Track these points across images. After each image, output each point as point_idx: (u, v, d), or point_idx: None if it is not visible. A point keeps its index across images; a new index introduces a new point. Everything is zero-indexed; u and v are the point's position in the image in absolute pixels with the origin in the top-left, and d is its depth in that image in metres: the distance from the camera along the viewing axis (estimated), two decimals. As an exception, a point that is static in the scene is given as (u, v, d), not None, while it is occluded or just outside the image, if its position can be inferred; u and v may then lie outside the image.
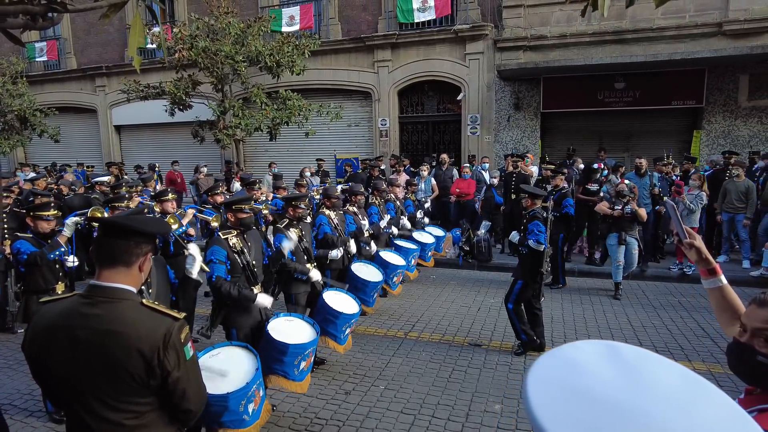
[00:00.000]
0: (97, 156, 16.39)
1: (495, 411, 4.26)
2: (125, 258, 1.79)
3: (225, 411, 2.70)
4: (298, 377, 3.83)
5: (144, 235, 1.84)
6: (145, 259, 1.85)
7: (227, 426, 2.78)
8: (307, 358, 3.85)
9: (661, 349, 5.46)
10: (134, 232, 1.81)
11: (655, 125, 11.36)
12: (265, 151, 14.28)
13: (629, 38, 10.82)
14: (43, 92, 16.47)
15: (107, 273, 1.78)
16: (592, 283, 8.06)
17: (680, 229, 1.98)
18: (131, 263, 1.81)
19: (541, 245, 4.97)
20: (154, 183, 9.95)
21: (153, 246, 1.89)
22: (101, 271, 1.79)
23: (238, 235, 3.97)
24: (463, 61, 12.11)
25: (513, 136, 12.03)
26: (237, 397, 2.71)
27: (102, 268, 1.79)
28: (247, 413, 2.82)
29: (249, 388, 2.80)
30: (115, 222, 1.86)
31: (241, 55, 10.84)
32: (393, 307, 6.91)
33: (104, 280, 1.78)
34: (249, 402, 2.82)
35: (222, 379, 2.82)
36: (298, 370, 3.80)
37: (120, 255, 1.79)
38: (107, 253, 1.80)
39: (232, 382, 2.78)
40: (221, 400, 2.65)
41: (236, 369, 2.96)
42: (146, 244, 1.85)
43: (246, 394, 2.78)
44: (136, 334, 1.71)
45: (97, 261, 1.81)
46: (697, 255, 1.95)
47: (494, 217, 9.46)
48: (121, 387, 1.71)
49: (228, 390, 2.68)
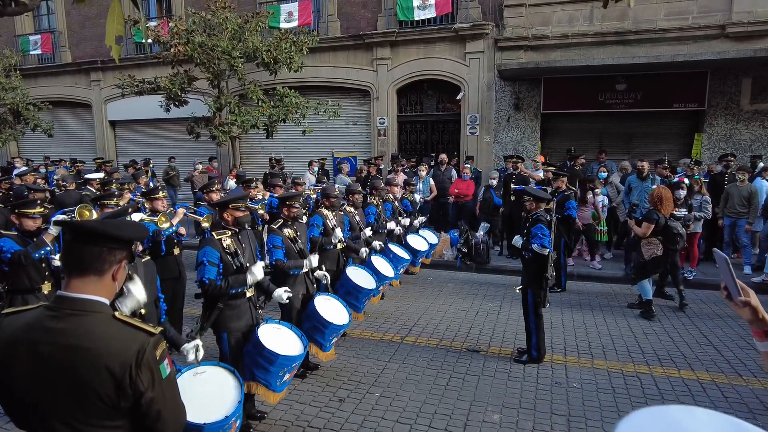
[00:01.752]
0: (92, 151, 16.17)
1: (494, 421, 4.12)
2: (97, 266, 1.64)
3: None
4: (278, 388, 3.68)
5: (118, 240, 1.68)
6: (119, 267, 1.69)
7: None
8: (291, 371, 3.71)
9: (663, 357, 5.34)
10: (107, 237, 1.65)
11: (656, 128, 11.24)
12: (261, 149, 14.09)
13: (631, 39, 10.69)
14: (37, 86, 16.22)
15: (76, 282, 1.63)
16: (592, 287, 7.94)
17: (732, 284, 1.72)
18: (103, 272, 1.65)
19: (546, 249, 4.83)
20: (147, 179, 9.77)
21: (129, 253, 1.74)
22: (70, 280, 1.63)
23: (232, 236, 3.82)
24: (463, 60, 11.96)
25: (513, 136, 11.89)
26: (212, 429, 2.57)
27: (71, 276, 1.63)
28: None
29: (227, 422, 2.65)
30: (85, 226, 1.70)
31: (238, 50, 10.66)
32: (389, 310, 6.77)
33: (73, 291, 1.62)
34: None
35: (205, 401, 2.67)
36: (281, 381, 3.65)
37: (91, 262, 1.63)
38: (76, 260, 1.64)
39: (210, 410, 2.62)
40: (195, 430, 2.50)
41: (218, 396, 2.80)
42: (121, 250, 1.70)
43: (222, 426, 2.63)
44: (105, 351, 1.55)
45: (65, 269, 1.65)
46: (752, 314, 1.70)
47: (493, 218, 9.34)
48: (89, 409, 1.56)
49: (205, 421, 2.52)
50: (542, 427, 4.05)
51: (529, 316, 5.16)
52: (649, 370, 5.02)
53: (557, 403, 4.42)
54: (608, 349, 5.57)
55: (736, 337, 5.85)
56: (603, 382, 4.80)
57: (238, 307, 3.80)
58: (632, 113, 11.12)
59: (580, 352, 5.47)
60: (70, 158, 14.40)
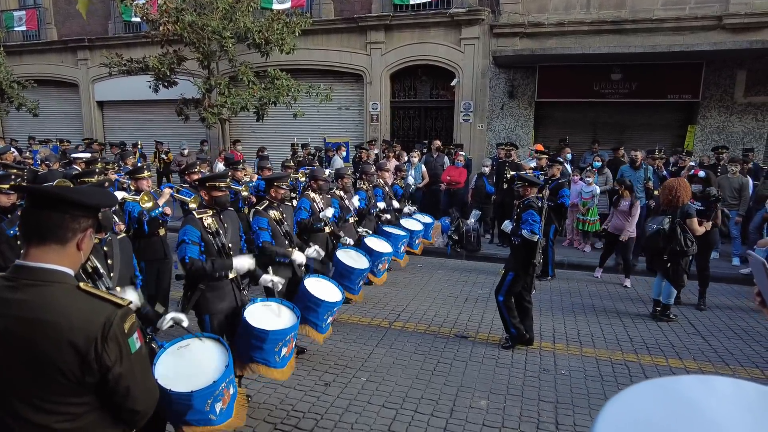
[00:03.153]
0: (79, 132, 15.86)
1: (481, 407, 4.07)
2: (59, 234, 1.52)
3: (189, 410, 2.47)
4: (279, 364, 3.61)
5: (81, 207, 1.56)
6: (84, 236, 1.58)
7: (193, 424, 2.55)
8: (288, 344, 3.63)
9: (651, 345, 5.32)
10: (69, 203, 1.53)
11: (650, 118, 11.20)
12: (251, 132, 13.90)
13: (628, 28, 10.60)
14: (22, 63, 15.83)
15: (36, 251, 1.51)
16: (582, 275, 7.92)
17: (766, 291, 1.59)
18: (66, 240, 1.53)
19: (535, 235, 4.76)
20: (135, 161, 9.57)
21: (94, 220, 1.62)
22: (29, 249, 1.51)
23: (213, 215, 3.70)
24: (458, 46, 11.81)
25: (506, 124, 11.80)
26: (202, 396, 2.48)
27: (30, 245, 1.52)
28: (213, 412, 2.59)
29: (216, 387, 2.56)
30: (46, 191, 1.58)
31: (229, 31, 10.43)
32: (378, 296, 6.70)
33: (32, 260, 1.50)
34: (216, 401, 2.59)
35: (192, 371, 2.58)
36: (280, 356, 3.57)
37: (51, 230, 1.51)
38: (35, 227, 1.52)
39: (198, 379, 2.54)
40: (185, 399, 2.41)
41: (204, 365, 2.72)
42: (85, 217, 1.58)
43: (212, 392, 2.54)
44: (67, 324, 1.44)
45: (23, 237, 1.54)
46: None
47: (485, 206, 9.27)
48: (51, 386, 1.46)
49: (192, 388, 2.43)
50: (529, 413, 4.01)
51: (498, 294, 5.10)
52: (638, 359, 5.00)
53: (545, 389, 4.38)
54: (597, 337, 5.55)
55: (724, 327, 5.85)
56: (591, 369, 4.77)
57: (221, 288, 3.69)
58: (626, 103, 11.08)
59: (568, 340, 5.44)
60: (57, 138, 14.10)
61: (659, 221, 5.73)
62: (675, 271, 5.74)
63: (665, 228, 5.62)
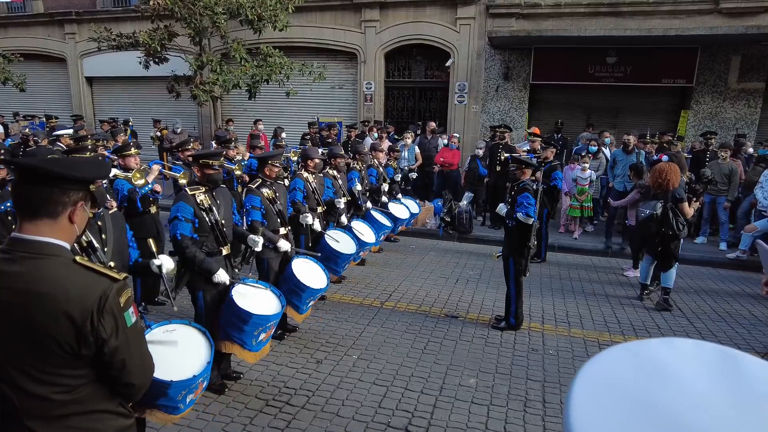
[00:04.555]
0: (68, 108, 15.56)
1: (470, 385, 4.15)
2: (49, 208, 1.52)
3: (163, 396, 2.49)
4: (254, 348, 3.63)
5: (70, 180, 1.54)
6: (75, 209, 1.57)
7: (159, 409, 2.57)
8: (267, 330, 3.65)
9: (638, 327, 5.43)
10: (57, 176, 1.52)
11: (644, 103, 11.21)
12: (243, 110, 13.74)
13: (624, 11, 10.53)
14: (7, 36, 15.44)
15: (29, 225, 1.51)
16: (572, 258, 8.01)
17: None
18: (57, 214, 1.53)
19: (530, 218, 4.79)
20: (126, 138, 9.45)
21: (86, 193, 1.61)
22: (22, 223, 1.52)
23: (206, 192, 3.69)
24: (454, 26, 11.67)
25: (501, 106, 11.76)
26: (179, 387, 2.50)
27: (23, 219, 1.52)
28: (183, 402, 2.62)
29: (194, 381, 2.59)
30: (32, 165, 1.56)
31: (221, 6, 10.22)
32: (370, 276, 6.74)
33: (27, 233, 1.51)
34: (189, 393, 2.62)
35: (174, 359, 2.60)
36: (257, 341, 3.60)
37: (41, 205, 1.51)
38: (26, 202, 1.52)
39: (178, 370, 2.55)
40: (162, 386, 2.43)
41: (187, 355, 2.72)
42: (75, 191, 1.56)
43: (189, 386, 2.57)
44: (64, 296, 1.46)
45: (16, 212, 1.54)
46: None
47: (477, 188, 9.29)
48: (47, 357, 1.47)
49: (173, 378, 2.45)
50: (517, 391, 4.09)
51: (510, 283, 5.16)
52: (624, 340, 5.09)
53: (533, 369, 4.46)
54: (585, 318, 5.64)
55: (709, 310, 5.97)
56: (579, 350, 4.86)
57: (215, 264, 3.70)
58: (621, 87, 11.06)
59: (557, 321, 5.52)
60: (45, 115, 13.86)
61: (652, 206, 5.74)
62: (666, 255, 5.80)
63: (658, 213, 5.65)
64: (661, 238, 5.72)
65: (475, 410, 3.81)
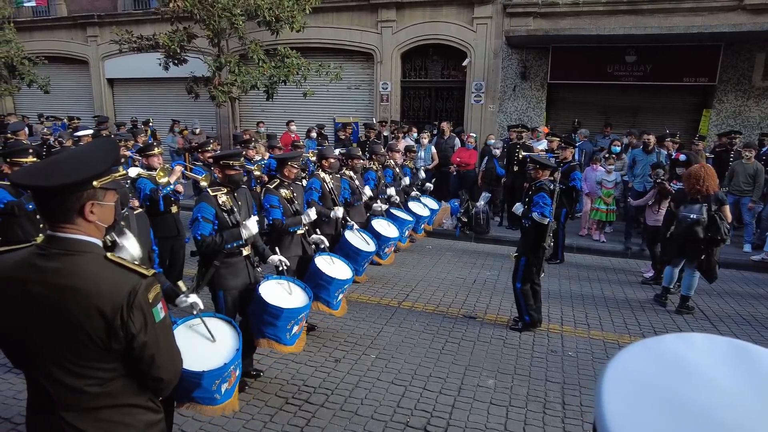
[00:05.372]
0: (89, 109, 15.86)
1: (488, 386, 4.14)
2: (59, 216, 1.55)
3: (197, 388, 2.53)
4: (289, 341, 3.68)
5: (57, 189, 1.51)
6: (85, 208, 1.55)
7: (197, 401, 2.62)
8: (299, 323, 3.70)
9: (659, 330, 5.35)
10: (45, 190, 1.52)
11: (664, 102, 11.03)
12: (261, 111, 13.85)
13: (644, 9, 10.37)
14: (32, 40, 15.76)
15: (54, 226, 1.56)
16: (591, 260, 7.92)
17: None
18: (70, 218, 1.55)
19: (546, 218, 4.75)
20: (146, 138, 9.60)
21: (93, 191, 1.57)
22: (49, 224, 1.57)
23: (228, 193, 3.74)
24: (471, 26, 11.62)
25: (518, 106, 11.68)
26: (212, 377, 2.54)
27: (46, 222, 1.58)
28: (219, 392, 2.66)
29: (226, 369, 2.63)
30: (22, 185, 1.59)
31: (239, 8, 10.32)
32: (387, 275, 6.75)
33: (59, 231, 1.55)
34: (223, 382, 2.66)
35: (203, 350, 2.64)
36: (290, 334, 3.65)
37: (53, 212, 1.55)
38: (42, 211, 1.58)
39: (209, 359, 2.59)
40: (195, 377, 2.47)
41: (216, 345, 2.77)
42: (77, 194, 1.53)
43: (221, 374, 2.61)
44: (96, 291, 1.49)
45: (41, 217, 1.61)
46: None
47: (494, 188, 9.24)
48: (81, 350, 1.52)
49: (203, 368, 2.50)
50: (537, 393, 4.06)
51: (516, 281, 5.12)
52: (645, 342, 5.02)
53: (552, 370, 4.43)
54: (605, 320, 5.58)
55: (732, 313, 5.86)
56: (599, 352, 4.81)
57: (235, 265, 3.75)
58: (640, 86, 10.89)
59: (576, 323, 5.47)
60: (67, 116, 14.16)
61: (696, 210, 5.44)
62: (709, 262, 5.58)
63: (704, 217, 5.40)
64: (707, 244, 5.48)
65: (494, 411, 3.80)
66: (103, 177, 1.58)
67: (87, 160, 1.59)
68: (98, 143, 1.85)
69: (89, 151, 1.69)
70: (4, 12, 13.57)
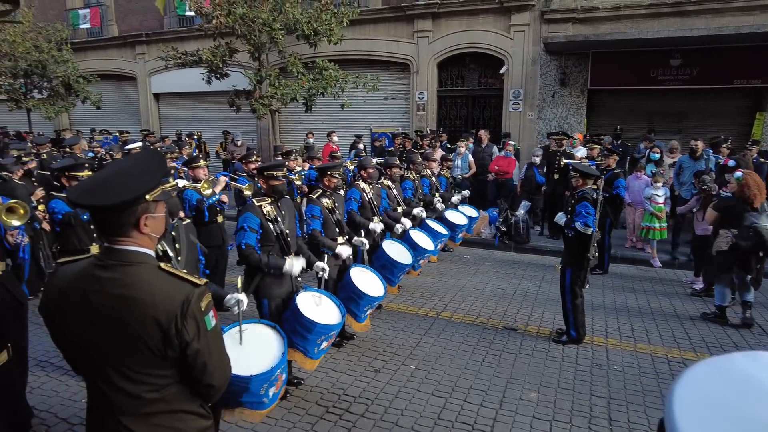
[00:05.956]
0: (137, 123, 16.63)
1: (531, 399, 4.05)
2: (114, 231, 1.62)
3: (245, 392, 2.59)
4: (316, 355, 3.70)
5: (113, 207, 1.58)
6: (140, 222, 1.62)
7: (246, 406, 2.68)
8: (329, 339, 3.72)
9: (712, 344, 5.11)
10: (102, 209, 1.59)
11: (714, 106, 10.60)
12: (299, 123, 14.14)
13: (690, 10, 10.04)
14: (86, 59, 16.70)
15: (110, 239, 1.64)
16: (636, 270, 7.66)
17: None
18: (125, 231, 1.62)
19: (589, 228, 4.64)
20: (191, 150, 9.97)
21: (145, 205, 1.63)
22: (107, 237, 1.65)
23: (272, 203, 3.83)
24: (508, 33, 11.54)
25: (557, 113, 11.48)
26: (260, 381, 2.59)
27: (102, 236, 1.66)
28: (267, 396, 2.71)
29: (273, 373, 2.68)
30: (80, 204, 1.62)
31: (278, 22, 10.62)
32: (425, 285, 6.73)
33: (116, 244, 1.63)
34: (271, 386, 2.70)
35: (250, 356, 2.70)
36: (318, 349, 3.67)
37: (108, 228, 1.62)
38: (98, 226, 1.66)
39: (257, 364, 2.65)
40: (243, 382, 2.53)
41: (262, 350, 2.83)
42: (131, 209, 1.60)
43: (269, 378, 2.66)
44: (151, 301, 1.56)
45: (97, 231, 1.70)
46: None
47: (534, 197, 9.09)
48: (138, 357, 1.58)
49: (252, 373, 2.55)
50: (581, 407, 3.95)
51: (566, 296, 5.01)
52: (697, 357, 4.81)
53: (597, 384, 4.30)
54: (652, 333, 5.37)
55: (793, 327, 5.53)
56: (646, 366, 4.63)
57: (276, 273, 3.82)
58: (686, 91, 10.51)
59: (621, 335, 5.29)
60: (118, 130, 14.87)
61: (757, 218, 5.24)
62: (759, 271, 5.39)
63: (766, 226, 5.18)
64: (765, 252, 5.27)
65: (537, 425, 3.71)
66: (155, 190, 1.65)
67: (139, 176, 1.65)
68: (146, 157, 1.90)
69: (140, 166, 1.74)
70: (63, 34, 14.42)
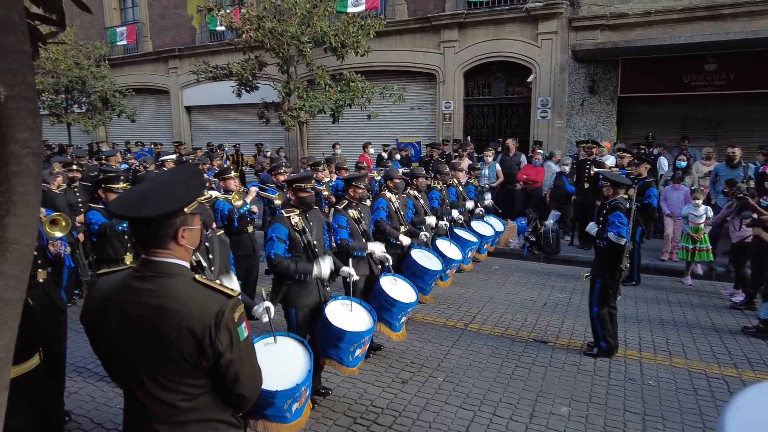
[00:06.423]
0: (169, 135, 17.11)
1: (562, 414, 3.96)
2: (153, 242, 1.67)
3: (270, 407, 2.62)
4: (351, 364, 3.72)
5: (155, 219, 1.63)
6: (177, 234, 1.68)
7: (268, 419, 2.70)
8: (362, 346, 3.73)
9: (754, 361, 4.89)
10: (143, 220, 1.64)
11: (750, 112, 10.25)
12: (327, 134, 14.31)
13: (725, 14, 9.78)
14: (123, 74, 17.34)
15: (148, 251, 1.69)
16: (670, 282, 7.43)
17: None
18: (164, 243, 1.67)
19: (623, 239, 4.54)
20: (222, 162, 10.20)
21: (183, 218, 1.69)
22: (143, 249, 1.70)
23: (300, 214, 3.88)
24: (535, 41, 11.46)
25: (587, 121, 11.30)
26: (284, 396, 2.62)
27: (141, 247, 1.71)
28: (290, 411, 2.73)
29: (298, 390, 2.70)
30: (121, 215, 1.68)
31: (306, 36, 10.82)
32: (452, 296, 6.68)
33: (152, 256, 1.68)
34: (294, 401, 2.73)
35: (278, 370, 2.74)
36: (353, 357, 3.69)
37: (147, 239, 1.67)
38: (137, 238, 1.70)
39: (282, 379, 2.68)
40: (268, 396, 2.56)
41: (289, 365, 2.86)
42: (170, 221, 1.65)
43: (294, 394, 2.68)
44: (186, 312, 1.60)
45: (136, 243, 1.73)
46: None
47: (564, 206, 8.94)
48: (173, 367, 1.62)
49: (277, 388, 2.58)
50: (614, 423, 3.84)
51: (592, 305, 4.90)
52: (738, 374, 4.62)
53: (631, 400, 4.17)
54: (688, 347, 5.19)
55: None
56: (683, 382, 4.47)
57: (307, 284, 3.87)
58: (721, 96, 10.20)
59: (656, 349, 5.14)
60: (152, 142, 15.33)
61: None
62: None
63: None
64: None
65: (569, 441, 3.63)
66: (193, 203, 1.70)
67: (179, 189, 1.70)
68: (184, 171, 1.97)
69: (179, 179, 1.79)
70: (101, 51, 15.02)
